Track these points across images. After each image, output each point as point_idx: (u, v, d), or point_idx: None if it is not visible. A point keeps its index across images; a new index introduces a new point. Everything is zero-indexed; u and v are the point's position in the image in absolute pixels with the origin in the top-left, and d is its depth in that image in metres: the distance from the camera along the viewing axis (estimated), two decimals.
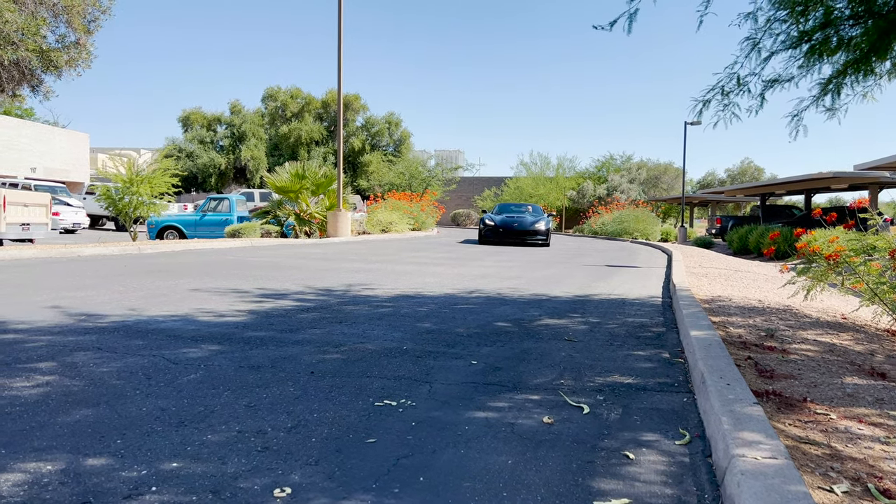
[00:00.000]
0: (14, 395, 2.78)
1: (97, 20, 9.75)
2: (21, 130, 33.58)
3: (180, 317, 4.92)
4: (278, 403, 2.77)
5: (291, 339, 4.20)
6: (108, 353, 3.60)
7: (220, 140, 51.93)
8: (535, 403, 2.89)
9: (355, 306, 5.79)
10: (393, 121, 53.90)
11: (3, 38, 8.21)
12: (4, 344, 3.78)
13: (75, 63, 9.57)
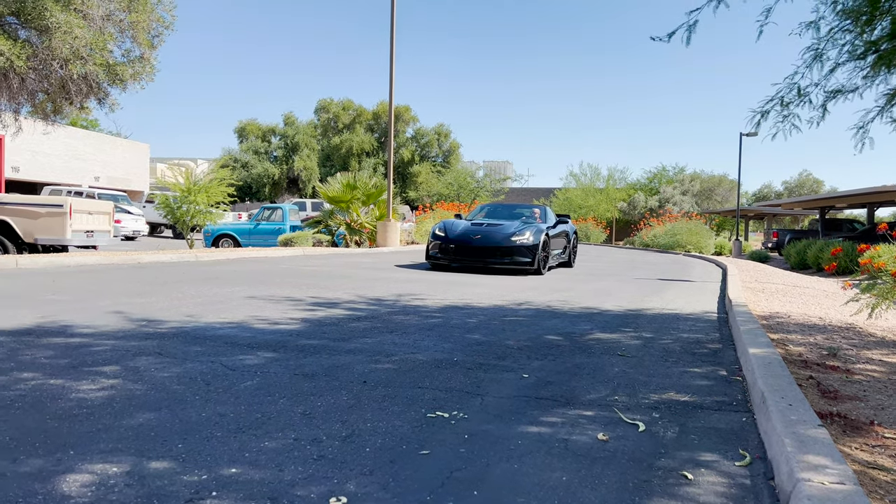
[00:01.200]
0: (81, 397, 2.88)
1: (160, 35, 10.10)
2: (86, 141, 34.95)
3: (236, 324, 5.03)
4: (332, 412, 2.81)
5: (343, 347, 4.25)
6: (168, 359, 3.71)
7: (274, 151, 53.05)
8: (589, 419, 2.85)
9: (405, 316, 5.83)
10: (442, 132, 54.21)
11: (73, 53, 8.57)
12: (71, 347, 3.92)
13: (139, 76, 9.92)
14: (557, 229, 12.74)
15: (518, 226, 11.58)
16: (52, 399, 2.84)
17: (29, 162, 30.67)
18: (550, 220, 13.04)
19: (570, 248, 13.69)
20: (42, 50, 8.90)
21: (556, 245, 12.53)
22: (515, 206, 14.00)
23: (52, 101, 10.02)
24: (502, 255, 11.01)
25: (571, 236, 13.87)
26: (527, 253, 11.01)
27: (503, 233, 11.27)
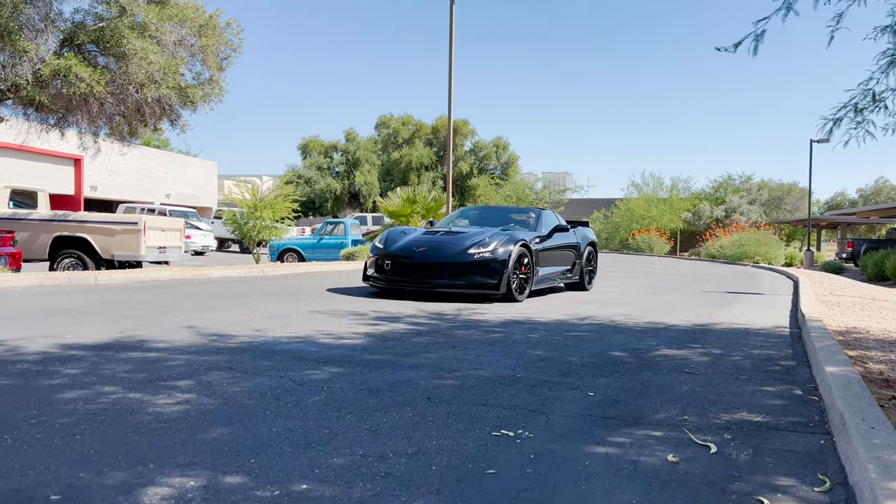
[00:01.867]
0: (158, 411, 3.00)
1: (228, 58, 10.49)
2: (158, 160, 36.44)
3: (302, 338, 5.14)
4: (398, 428, 2.83)
5: (407, 363, 4.29)
6: (238, 373, 3.82)
7: (336, 166, 54.11)
8: (658, 440, 2.79)
9: (466, 331, 5.84)
10: (500, 144, 54.24)
11: (148, 77, 8.98)
12: (148, 362, 4.09)
13: (209, 98, 10.31)
14: (555, 240, 9.69)
15: (485, 234, 8.63)
16: (132, 412, 2.96)
17: (106, 181, 32.15)
18: (545, 226, 9.75)
19: (582, 265, 10.42)
20: (119, 75, 9.35)
21: (554, 260, 9.60)
22: (509, 210, 11.01)
23: (128, 123, 10.49)
24: (453, 275, 8.17)
25: (584, 249, 10.55)
26: (489, 271, 8.13)
27: (458, 244, 8.35)
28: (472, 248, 8.31)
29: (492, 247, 8.30)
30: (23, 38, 8.49)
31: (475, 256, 8.23)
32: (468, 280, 8.22)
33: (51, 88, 9.28)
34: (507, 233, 8.80)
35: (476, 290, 8.25)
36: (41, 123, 10.69)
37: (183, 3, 10.04)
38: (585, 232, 11.10)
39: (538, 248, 9.12)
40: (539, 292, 9.90)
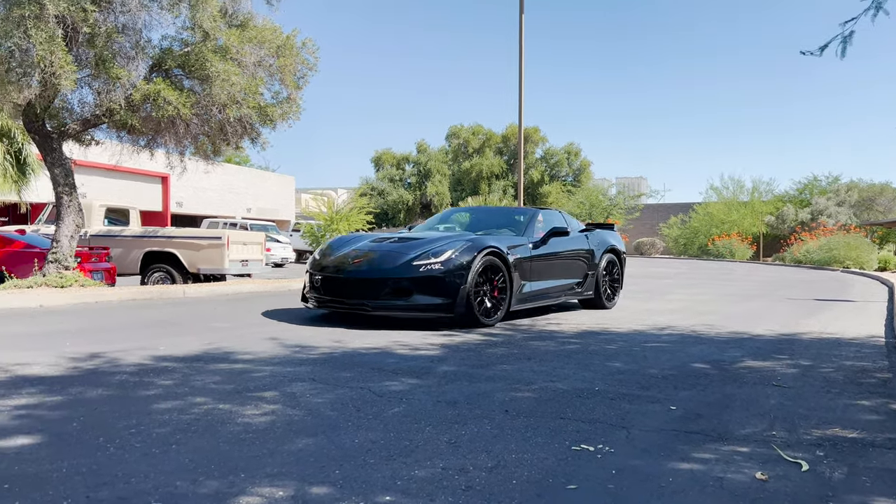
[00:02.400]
0: (247, 422, 3.12)
1: (305, 76, 10.81)
2: (239, 175, 37.84)
3: (380, 349, 5.23)
4: (477, 441, 2.85)
5: (483, 374, 4.30)
6: (321, 385, 3.93)
7: (408, 178, 54.81)
8: (745, 456, 2.71)
9: (541, 342, 5.81)
10: (572, 150, 53.70)
11: (230, 98, 9.37)
12: (235, 373, 4.26)
13: (287, 116, 10.66)
14: (553, 246, 7.87)
15: (443, 241, 6.84)
16: (222, 423, 3.09)
17: (191, 197, 33.63)
18: (539, 229, 7.99)
19: (598, 276, 8.58)
20: (203, 97, 9.78)
21: (552, 271, 7.87)
22: (512, 211, 9.10)
23: (211, 142, 10.96)
24: (394, 294, 6.47)
25: (600, 257, 8.69)
26: (439, 288, 6.42)
27: (404, 254, 6.65)
28: (418, 258, 6.53)
29: (445, 256, 6.51)
30: (116, 65, 9.01)
31: (421, 269, 6.43)
32: (411, 300, 6.44)
33: (141, 112, 9.80)
34: (472, 239, 6.90)
35: (423, 312, 6.47)
36: (133, 145, 11.30)
37: (261, 25, 10.43)
38: (604, 236, 9.07)
39: (524, 257, 7.31)
40: (536, 311, 8.18)
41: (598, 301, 8.70)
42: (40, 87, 8.56)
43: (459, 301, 6.47)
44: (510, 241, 7.40)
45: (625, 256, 9.46)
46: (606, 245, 8.99)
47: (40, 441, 2.79)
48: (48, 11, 7.74)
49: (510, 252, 7.13)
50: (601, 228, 9.34)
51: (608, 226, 9.59)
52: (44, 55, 7.75)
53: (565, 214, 8.87)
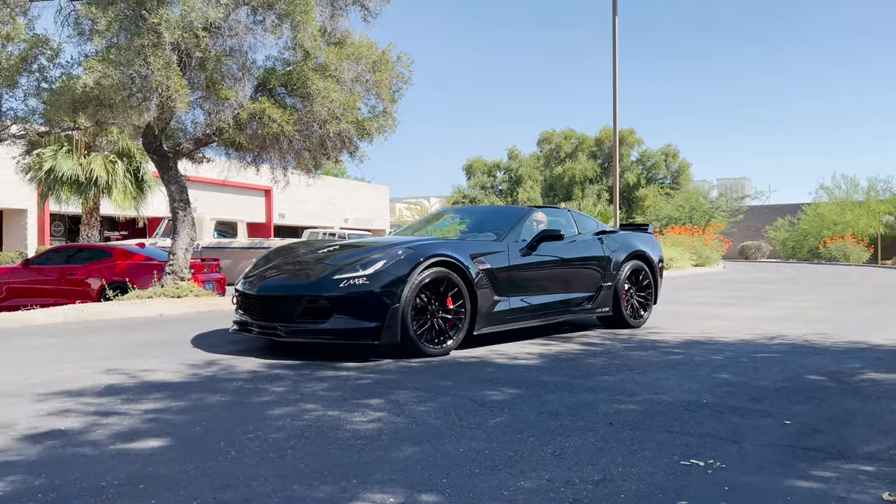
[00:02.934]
0: (355, 428, 3.23)
1: (400, 90, 11.06)
2: (337, 187, 39.08)
3: (478, 358, 5.27)
4: (582, 454, 2.84)
5: (583, 385, 4.26)
6: (423, 393, 4.01)
7: (499, 184, 54.89)
8: (870, 476, 2.56)
9: (643, 352, 5.68)
10: (669, 152, 52.21)
11: (330, 114, 9.73)
12: (341, 381, 4.41)
13: (383, 129, 10.93)
14: (546, 253, 6.43)
15: (381, 249, 5.54)
16: (332, 429, 3.22)
17: (293, 209, 35.03)
18: (521, 234, 6.41)
19: (617, 288, 7.06)
20: (305, 114, 10.20)
21: (546, 284, 6.45)
22: (500, 212, 7.87)
23: (313, 157, 11.40)
24: (310, 315, 5.25)
25: (619, 265, 7.14)
26: (363, 309, 5.12)
27: (328, 266, 5.43)
28: (343, 270, 5.25)
29: (374, 268, 5.19)
30: (224, 87, 9.54)
31: (342, 285, 5.15)
32: (328, 324, 5.14)
33: (248, 130, 10.31)
34: (415, 246, 5.51)
35: (343, 339, 5.21)
36: (240, 161, 11.91)
37: (358, 41, 10.76)
38: (628, 239, 7.47)
39: (499, 267, 5.90)
40: (523, 333, 6.38)
41: (617, 319, 7.15)
42: (158, 111, 9.18)
43: (389, 325, 5.09)
44: (480, 247, 5.94)
45: (660, 264, 7.79)
46: (630, 250, 7.35)
47: (169, 444, 3.00)
48: (164, 39, 8.30)
49: (478, 261, 5.71)
50: (635, 229, 8.10)
51: (641, 226, 8.25)
52: (161, 80, 8.31)
53: (577, 214, 7.50)
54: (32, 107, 10.94)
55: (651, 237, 7.97)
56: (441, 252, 5.48)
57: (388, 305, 5.11)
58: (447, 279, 5.46)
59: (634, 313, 7.36)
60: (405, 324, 5.15)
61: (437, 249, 5.51)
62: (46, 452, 2.86)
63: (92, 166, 18.25)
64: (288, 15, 9.22)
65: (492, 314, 5.83)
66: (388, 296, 5.12)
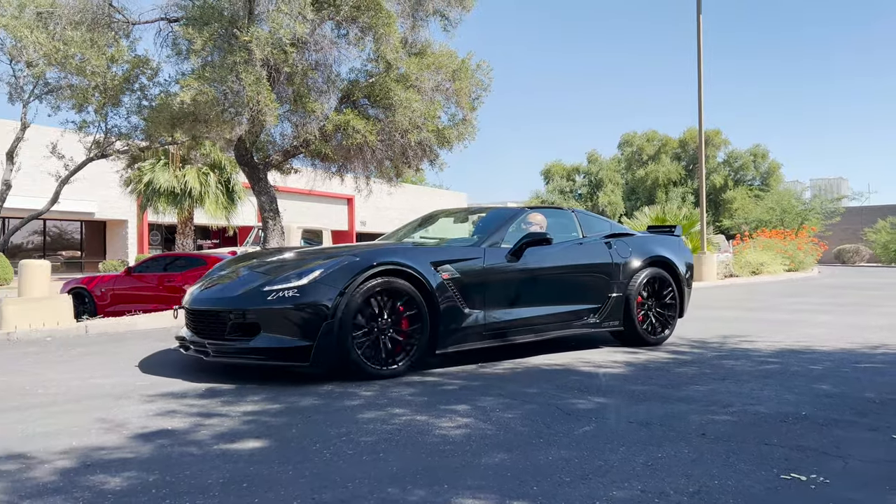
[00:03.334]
0: (444, 434, 3.28)
1: (479, 97, 11.14)
2: (416, 194, 39.68)
3: (562, 366, 5.23)
4: (675, 465, 2.78)
5: (674, 395, 4.17)
6: (508, 400, 4.02)
7: (579, 189, 54.24)
8: None
9: (735, 361, 5.49)
10: (759, 152, 50.26)
11: (411, 124, 9.90)
12: (427, 386, 4.48)
13: (463, 137, 11.04)
14: (531, 261, 5.61)
15: (321, 257, 4.99)
16: (421, 434, 3.28)
17: (373, 216, 35.79)
18: (504, 238, 5.66)
19: (631, 300, 6.17)
20: (387, 124, 10.41)
21: (537, 294, 5.69)
22: (494, 214, 6.39)
23: (394, 166, 11.62)
24: (238, 332, 4.72)
25: (633, 272, 6.27)
26: (291, 325, 4.55)
27: (260, 276, 4.92)
28: (275, 282, 4.69)
29: (308, 279, 4.61)
30: (311, 100, 9.87)
31: (270, 297, 4.60)
32: (258, 342, 4.57)
33: (332, 141, 10.62)
34: (360, 253, 4.93)
35: (270, 360, 4.63)
36: (325, 171, 12.27)
37: (438, 51, 10.91)
38: (645, 243, 6.58)
39: (470, 275, 5.20)
40: (500, 352, 5.56)
41: (631, 334, 6.24)
42: (249, 124, 9.58)
43: (322, 343, 4.47)
44: (446, 253, 5.26)
45: (686, 273, 6.74)
46: (647, 255, 6.41)
47: (267, 445, 3.13)
48: (255, 56, 8.67)
49: (442, 269, 5.02)
50: (661, 232, 7.18)
51: (668, 228, 7.27)
52: (252, 95, 8.69)
53: (584, 215, 6.64)
54: (134, 123, 11.64)
55: (678, 241, 7.05)
56: (389, 260, 4.82)
57: (321, 321, 4.48)
58: (397, 290, 4.77)
59: (651, 329, 6.38)
60: (343, 342, 4.51)
61: (385, 257, 4.86)
62: (157, 451, 3.05)
63: (186, 178, 19.23)
64: (371, 28, 9.46)
65: (460, 330, 5.11)
66: (321, 310, 4.50)
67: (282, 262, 5.19)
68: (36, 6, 10.50)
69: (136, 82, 11.35)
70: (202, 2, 9.31)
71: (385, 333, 4.76)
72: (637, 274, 6.31)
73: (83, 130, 12.29)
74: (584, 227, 6.41)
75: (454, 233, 6.72)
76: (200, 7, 9.14)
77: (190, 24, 9.04)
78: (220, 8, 9.06)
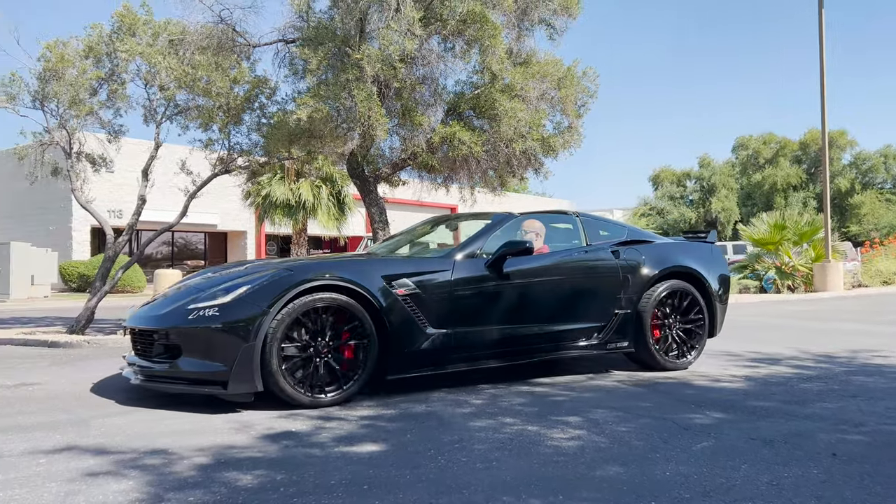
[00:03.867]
0: (556, 445, 3.28)
1: (586, 104, 11.02)
2: (518, 203, 39.55)
3: (677, 380, 5.09)
4: (803, 486, 2.66)
5: (799, 412, 3.96)
6: (622, 413, 3.96)
7: (690, 194, 52.34)
8: None
9: (866, 377, 5.14)
10: (890, 154, 46.76)
11: (515, 133, 9.94)
12: (537, 397, 4.48)
13: (568, 145, 10.95)
14: (514, 272, 4.95)
15: (252, 272, 4.52)
16: (533, 444, 3.30)
17: None
18: (483, 246, 5.02)
19: (644, 318, 5.39)
20: (492, 134, 10.49)
21: (522, 311, 5.02)
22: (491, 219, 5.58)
23: (498, 175, 11.68)
24: (164, 352, 4.34)
25: (646, 284, 5.47)
26: (210, 347, 4.13)
27: (192, 292, 4.48)
28: (200, 299, 4.30)
29: (232, 297, 4.19)
30: (418, 113, 10.11)
31: (191, 317, 4.20)
32: (180, 365, 4.18)
33: (439, 153, 10.82)
34: (291, 267, 4.41)
35: (188, 385, 4.21)
36: (431, 182, 12.51)
37: (543, 59, 10.90)
38: (663, 252, 5.76)
39: (434, 292, 4.63)
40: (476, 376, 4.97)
41: (643, 356, 5.47)
42: (360, 139, 9.94)
43: (240, 369, 4.00)
44: (404, 266, 4.74)
45: (718, 286, 5.86)
46: (666, 265, 5.59)
47: (385, 449, 3.24)
48: (366, 73, 8.99)
49: (398, 283, 4.49)
50: (694, 238, 6.30)
51: (700, 233, 6.34)
52: (364, 111, 9.00)
53: (591, 220, 5.85)
54: (254, 140, 12.33)
55: (709, 249, 6.10)
56: (325, 274, 4.30)
57: (239, 344, 4.01)
58: (338, 308, 4.25)
59: (668, 350, 5.51)
60: (267, 367, 4.04)
61: (321, 271, 4.34)
62: (283, 451, 3.23)
63: (300, 191, 20.14)
64: (477, 40, 9.59)
65: (419, 352, 4.55)
66: (239, 331, 4.04)
67: (229, 276, 4.61)
68: (168, 34, 11.37)
69: (255, 101, 12.03)
70: (317, 23, 9.75)
71: (322, 357, 4.23)
72: (652, 287, 5.51)
73: (208, 148, 13.15)
74: (588, 234, 5.62)
75: (431, 241, 6.07)
76: (315, 28, 9.58)
77: (305, 44, 9.50)
78: (333, 28, 9.47)
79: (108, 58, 12.38)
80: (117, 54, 12.21)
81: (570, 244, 5.62)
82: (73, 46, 12.17)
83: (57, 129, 12.86)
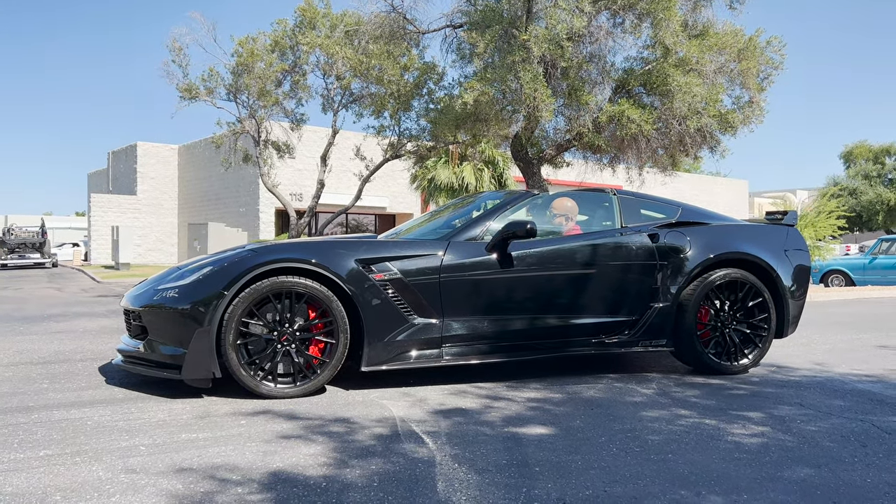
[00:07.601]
0: (736, 441, 3.11)
1: (769, 77, 10.22)
2: (688, 182, 37.57)
3: (874, 378, 4.62)
4: None
5: None
6: (810, 411, 3.66)
7: (889, 173, 46.88)
8: None
9: None
10: None
11: (690, 109, 9.43)
12: (713, 389, 4.26)
13: (749, 121, 10.22)
14: (524, 256, 4.40)
15: (223, 253, 4.44)
16: (712, 439, 3.14)
17: None
18: (483, 230, 4.49)
19: (687, 313, 4.63)
20: (663, 111, 10.02)
21: (532, 300, 4.45)
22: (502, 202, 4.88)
23: (670, 154, 11.16)
24: (136, 334, 4.26)
25: (689, 273, 4.66)
26: (167, 329, 4.00)
27: (172, 273, 4.34)
28: (167, 279, 4.23)
29: (193, 278, 4.01)
30: (585, 92, 9.89)
31: (155, 298, 4.08)
32: (146, 345, 4.07)
33: (606, 132, 10.53)
34: (254, 249, 4.23)
35: (152, 370, 4.05)
36: (597, 162, 12.23)
37: (721, 30, 10.22)
38: (720, 236, 4.93)
39: (420, 276, 4.20)
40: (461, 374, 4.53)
41: (686, 355, 4.73)
42: (525, 121, 9.92)
43: (194, 354, 3.81)
44: (391, 248, 4.29)
45: (789, 279, 4.95)
46: (720, 252, 4.78)
47: (554, 433, 3.24)
48: (533, 54, 8.93)
49: (378, 267, 4.13)
50: (772, 221, 5.33)
51: (778, 215, 5.36)
52: (529, 93, 8.97)
53: (632, 199, 5.03)
54: (423, 126, 12.72)
55: (782, 233, 5.15)
56: (287, 256, 3.99)
57: (194, 327, 3.82)
58: (302, 293, 3.95)
59: (723, 353, 4.73)
60: (225, 354, 3.82)
61: (284, 253, 4.03)
62: (454, 427, 3.33)
63: (463, 174, 20.51)
64: (649, 13, 9.19)
65: (398, 343, 4.15)
66: (194, 315, 3.84)
67: (211, 256, 4.42)
68: (345, 25, 12.00)
69: (424, 87, 12.40)
70: (484, 6, 9.83)
71: (286, 344, 3.97)
72: (701, 277, 4.74)
73: (380, 134, 13.76)
74: (624, 214, 4.86)
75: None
76: (482, 11, 9.66)
77: (473, 28, 9.61)
78: (500, 10, 9.49)
79: (291, 50, 13.35)
80: (299, 47, 13.11)
81: (603, 226, 4.98)
82: (261, 41, 13.25)
83: (247, 118, 14.10)
